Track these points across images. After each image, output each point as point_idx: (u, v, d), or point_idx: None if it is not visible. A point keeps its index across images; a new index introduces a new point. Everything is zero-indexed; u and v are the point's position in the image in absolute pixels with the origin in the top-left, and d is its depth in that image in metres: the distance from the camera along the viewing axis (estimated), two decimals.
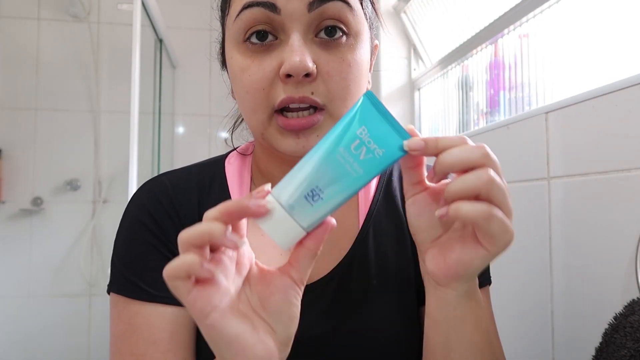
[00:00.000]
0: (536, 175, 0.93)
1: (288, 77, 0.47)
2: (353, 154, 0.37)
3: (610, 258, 0.75)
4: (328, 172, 0.37)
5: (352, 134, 0.37)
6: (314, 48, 0.48)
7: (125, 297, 0.53)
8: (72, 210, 2.10)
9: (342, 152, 0.37)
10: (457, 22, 1.49)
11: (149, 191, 0.57)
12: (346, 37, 0.49)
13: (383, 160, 0.38)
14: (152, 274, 0.52)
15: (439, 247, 0.41)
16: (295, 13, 0.47)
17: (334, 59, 0.49)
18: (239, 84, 0.51)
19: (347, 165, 0.37)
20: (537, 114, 0.94)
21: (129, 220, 0.56)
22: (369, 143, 0.37)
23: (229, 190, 0.58)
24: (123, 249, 0.55)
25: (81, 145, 2.13)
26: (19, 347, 2.01)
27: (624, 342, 0.58)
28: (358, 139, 0.37)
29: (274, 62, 0.48)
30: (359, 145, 0.37)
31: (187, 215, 0.55)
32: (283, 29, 0.48)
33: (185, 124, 2.26)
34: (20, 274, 2.05)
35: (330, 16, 0.48)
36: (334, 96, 0.49)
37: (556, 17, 1.04)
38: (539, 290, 0.91)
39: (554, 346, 0.87)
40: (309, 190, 0.37)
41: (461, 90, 1.50)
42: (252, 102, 0.49)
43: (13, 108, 2.11)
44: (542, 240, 0.90)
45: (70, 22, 2.16)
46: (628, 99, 0.73)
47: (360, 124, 0.38)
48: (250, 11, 0.48)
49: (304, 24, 0.47)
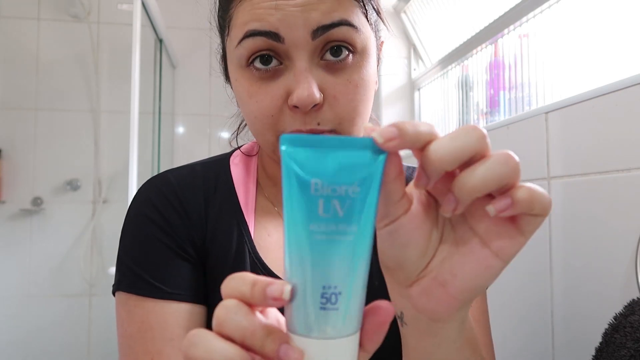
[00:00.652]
0: (536, 175, 0.93)
1: (296, 107, 0.47)
2: (328, 219, 0.27)
3: (610, 258, 0.75)
4: (322, 262, 0.27)
5: (307, 200, 0.27)
6: (320, 72, 0.48)
7: (136, 295, 0.51)
8: (72, 210, 2.10)
9: (314, 229, 0.27)
10: (457, 22, 1.49)
11: (155, 187, 0.57)
12: (352, 55, 0.49)
13: (366, 193, 0.27)
14: (163, 270, 0.52)
15: (432, 276, 0.31)
16: (299, 42, 0.46)
17: (340, 82, 0.48)
18: (246, 107, 0.51)
19: (335, 236, 0.27)
20: (537, 114, 0.94)
21: (135, 217, 0.55)
22: (333, 192, 0.27)
23: (236, 191, 0.58)
24: (131, 245, 0.54)
25: (81, 145, 2.13)
26: (18, 347, 2.01)
27: (624, 342, 0.58)
28: (320, 199, 0.27)
29: (281, 90, 0.48)
30: (326, 204, 0.27)
31: (194, 213, 0.55)
32: (288, 56, 0.47)
33: (185, 124, 2.26)
34: (20, 274, 2.05)
35: (336, 39, 0.47)
36: (342, 119, 0.49)
37: (556, 17, 1.04)
38: (539, 290, 0.91)
39: (554, 346, 0.87)
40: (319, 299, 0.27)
41: (461, 90, 1.50)
42: (260, 126, 0.50)
43: (13, 108, 2.11)
44: (542, 240, 0.90)
45: (70, 22, 2.16)
46: (628, 99, 0.73)
47: (306, 180, 0.27)
48: (253, 40, 0.47)
49: (308, 51, 0.47)
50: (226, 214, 0.56)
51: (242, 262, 0.54)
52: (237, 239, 0.55)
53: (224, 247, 0.55)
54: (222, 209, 0.57)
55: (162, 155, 1.98)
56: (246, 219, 0.56)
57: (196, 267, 0.54)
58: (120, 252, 0.55)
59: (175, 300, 0.51)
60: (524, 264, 0.97)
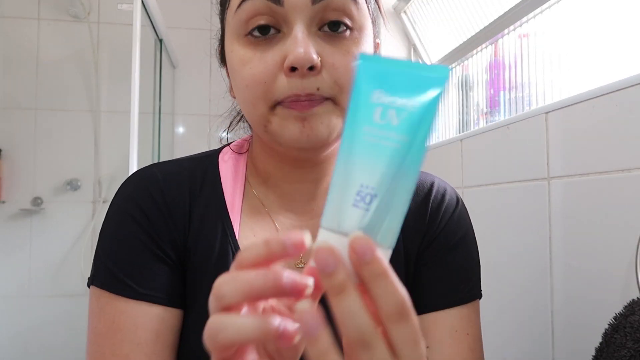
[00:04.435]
0: (536, 175, 0.93)
1: (292, 71, 0.46)
2: (382, 124, 0.29)
3: (610, 258, 0.75)
4: (365, 163, 0.29)
5: (367, 105, 0.29)
6: (318, 41, 0.47)
7: (109, 292, 0.50)
8: (72, 210, 2.10)
9: (367, 132, 0.29)
10: (457, 22, 1.49)
11: (139, 183, 0.55)
12: (350, 31, 0.48)
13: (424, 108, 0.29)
14: (139, 270, 0.51)
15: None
16: (298, 5, 0.46)
17: (339, 52, 0.47)
18: (238, 77, 0.49)
19: (383, 141, 0.29)
20: (537, 114, 0.94)
21: (117, 213, 0.54)
22: (392, 103, 0.29)
23: (222, 188, 0.57)
24: (110, 242, 0.53)
25: (81, 145, 2.13)
26: (19, 347, 2.01)
27: (624, 342, 0.58)
28: (379, 106, 0.29)
29: (277, 55, 0.47)
30: (383, 112, 0.29)
31: (178, 211, 0.54)
32: (286, 21, 0.47)
33: (185, 124, 2.26)
34: (20, 274, 2.05)
35: (335, 9, 0.47)
36: (341, 87, 0.47)
37: (556, 17, 1.04)
38: (539, 291, 0.91)
39: (554, 346, 0.87)
40: (355, 195, 0.28)
41: (461, 90, 1.50)
42: (251, 96, 0.48)
43: (13, 108, 2.11)
44: (542, 241, 0.90)
45: (70, 22, 2.16)
46: (628, 99, 0.73)
47: (370, 89, 0.30)
48: (252, 3, 0.46)
49: (307, 16, 0.46)
50: (211, 212, 0.55)
51: (225, 263, 0.53)
52: (221, 239, 0.54)
53: (206, 248, 0.53)
54: (207, 207, 0.55)
55: (162, 155, 1.98)
56: (231, 218, 0.55)
57: (174, 270, 0.53)
58: (98, 247, 0.54)
59: (148, 302, 0.50)
60: (524, 264, 0.97)
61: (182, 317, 0.53)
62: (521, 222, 0.98)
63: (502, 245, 1.04)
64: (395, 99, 0.29)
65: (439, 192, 0.60)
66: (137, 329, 0.49)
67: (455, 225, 0.58)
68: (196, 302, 0.53)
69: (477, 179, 1.16)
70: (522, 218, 0.97)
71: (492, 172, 1.10)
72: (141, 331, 0.49)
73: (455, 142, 1.29)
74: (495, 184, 1.08)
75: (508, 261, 1.02)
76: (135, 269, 0.51)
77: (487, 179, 1.11)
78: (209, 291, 0.42)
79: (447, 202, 0.59)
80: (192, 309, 0.53)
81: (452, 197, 0.60)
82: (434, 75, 0.30)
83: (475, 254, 0.60)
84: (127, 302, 0.50)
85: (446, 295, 0.56)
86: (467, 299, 0.56)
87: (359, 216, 0.28)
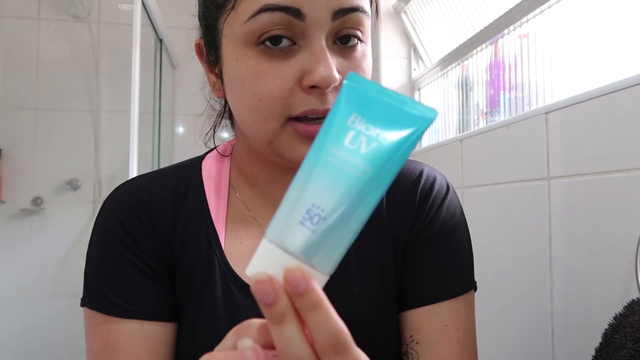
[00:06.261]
0: (536, 175, 0.93)
1: (312, 88, 0.45)
2: (350, 149, 0.28)
3: (610, 258, 0.75)
4: (322, 183, 0.28)
5: (341, 126, 0.29)
6: (335, 56, 0.47)
7: (100, 313, 0.51)
8: (72, 210, 2.10)
9: (333, 153, 0.28)
10: (457, 22, 1.49)
11: (119, 198, 0.54)
12: (360, 43, 0.48)
13: (395, 144, 0.28)
14: (126, 288, 0.51)
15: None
16: (319, 20, 0.44)
17: (352, 66, 0.47)
18: (249, 90, 0.47)
19: (347, 166, 0.28)
20: (537, 114, 0.94)
21: (101, 232, 0.53)
22: (367, 130, 0.28)
23: (206, 197, 0.55)
24: (97, 262, 0.53)
25: (81, 145, 2.13)
26: (19, 347, 2.01)
27: (624, 342, 0.58)
28: (351, 130, 0.29)
29: (294, 70, 0.45)
30: (354, 136, 0.28)
31: (161, 225, 0.53)
32: (304, 35, 0.45)
33: (185, 124, 2.26)
34: (20, 274, 2.05)
35: (351, 25, 0.46)
36: None
37: (556, 17, 1.04)
38: (539, 291, 0.91)
39: (553, 346, 0.87)
40: (304, 213, 0.28)
41: (461, 90, 1.50)
42: (265, 111, 0.46)
43: (13, 108, 2.11)
44: (542, 241, 0.90)
45: (70, 22, 2.16)
46: (628, 99, 0.73)
47: (348, 111, 0.29)
48: (271, 15, 0.44)
49: (327, 31, 0.45)
50: (195, 223, 0.54)
51: (212, 273, 0.52)
52: (206, 249, 0.53)
53: (192, 259, 0.53)
54: (191, 218, 0.54)
55: (162, 155, 1.98)
56: (216, 227, 0.54)
57: (162, 283, 0.53)
58: (86, 267, 0.54)
59: (139, 319, 0.50)
60: (524, 264, 0.97)
61: (176, 329, 0.53)
62: (521, 222, 0.98)
63: (502, 245, 1.04)
64: (370, 127, 0.28)
65: (428, 181, 0.58)
66: (131, 347, 0.49)
67: (444, 215, 0.57)
68: (185, 313, 0.53)
69: (477, 179, 1.16)
70: (522, 218, 0.97)
71: (492, 172, 1.10)
72: (135, 349, 0.49)
73: (455, 142, 1.29)
74: (495, 184, 1.08)
75: (508, 261, 1.02)
76: (123, 287, 0.51)
77: (487, 179, 1.11)
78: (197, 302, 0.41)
79: (436, 190, 0.58)
80: (182, 320, 0.53)
81: (442, 186, 0.59)
82: (417, 114, 0.29)
83: (467, 245, 0.58)
84: (119, 321, 0.50)
85: (435, 289, 0.54)
86: (458, 292, 0.54)
87: (303, 235, 0.28)
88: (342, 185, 0.28)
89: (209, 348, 0.31)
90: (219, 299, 0.51)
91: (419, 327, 0.54)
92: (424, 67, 1.79)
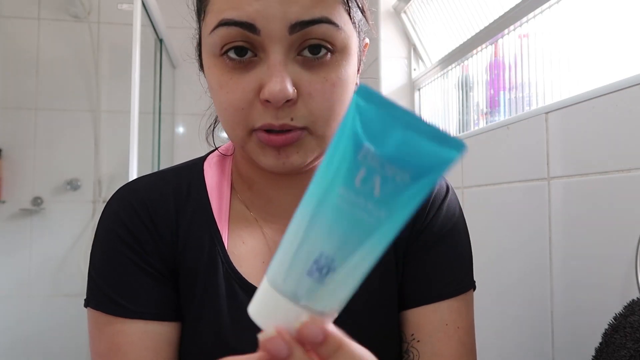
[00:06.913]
0: (536, 175, 0.93)
1: (268, 102, 0.45)
2: (361, 191, 0.24)
3: (610, 258, 0.75)
4: (331, 230, 0.25)
5: (350, 162, 0.24)
6: (296, 68, 0.46)
7: (105, 313, 0.51)
8: (72, 210, 2.10)
9: (342, 194, 0.24)
10: (457, 22, 1.49)
11: (122, 199, 0.54)
12: (331, 54, 0.46)
13: (416, 187, 0.24)
14: (130, 288, 0.51)
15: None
16: (275, 35, 0.44)
17: (317, 79, 0.46)
18: (216, 98, 0.49)
19: (358, 211, 0.24)
20: (537, 114, 0.94)
21: (104, 232, 0.54)
22: (382, 168, 0.24)
23: (209, 197, 0.56)
24: (100, 262, 0.53)
25: (81, 145, 2.13)
26: (18, 347, 2.01)
27: (624, 342, 0.58)
28: (363, 167, 0.24)
29: (253, 82, 0.45)
30: (366, 176, 0.24)
31: (164, 226, 0.53)
32: (262, 48, 0.45)
33: (185, 124, 2.26)
34: (20, 274, 2.05)
35: (314, 37, 0.45)
36: (316, 117, 0.46)
37: (556, 17, 1.04)
38: (539, 291, 0.91)
39: (553, 346, 0.87)
40: (312, 263, 0.25)
41: (461, 91, 1.50)
42: (230, 120, 0.48)
43: (13, 108, 2.11)
44: (542, 241, 0.90)
45: (70, 22, 2.16)
46: (628, 99, 0.73)
47: (359, 142, 0.24)
48: (227, 29, 0.44)
49: (284, 45, 0.45)
50: (198, 223, 0.54)
51: (215, 273, 0.52)
52: (209, 250, 0.53)
53: (195, 259, 0.53)
54: (193, 218, 0.55)
55: (162, 155, 1.98)
56: (219, 228, 0.54)
57: (166, 283, 0.53)
58: (90, 268, 0.54)
59: (143, 320, 0.50)
60: (524, 264, 0.97)
61: (179, 329, 0.53)
62: (521, 222, 0.98)
63: (501, 246, 1.04)
64: (385, 163, 0.23)
65: None
66: (135, 347, 0.49)
67: (444, 215, 0.57)
68: (188, 313, 0.53)
69: (477, 179, 1.16)
70: (522, 218, 0.97)
71: (492, 172, 1.10)
72: (140, 349, 0.49)
73: None
74: (495, 184, 1.08)
75: (508, 261, 1.02)
76: (126, 288, 0.51)
77: (487, 179, 1.11)
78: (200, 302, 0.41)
79: (436, 191, 0.58)
80: (186, 320, 0.53)
81: (442, 186, 0.59)
82: (442, 150, 0.23)
83: (466, 245, 0.58)
84: (123, 321, 0.50)
85: (436, 288, 0.55)
86: (458, 292, 0.55)
87: (310, 286, 0.26)
88: (353, 235, 0.25)
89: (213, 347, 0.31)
90: (223, 298, 0.52)
91: (419, 326, 0.54)
92: (424, 67, 1.79)
